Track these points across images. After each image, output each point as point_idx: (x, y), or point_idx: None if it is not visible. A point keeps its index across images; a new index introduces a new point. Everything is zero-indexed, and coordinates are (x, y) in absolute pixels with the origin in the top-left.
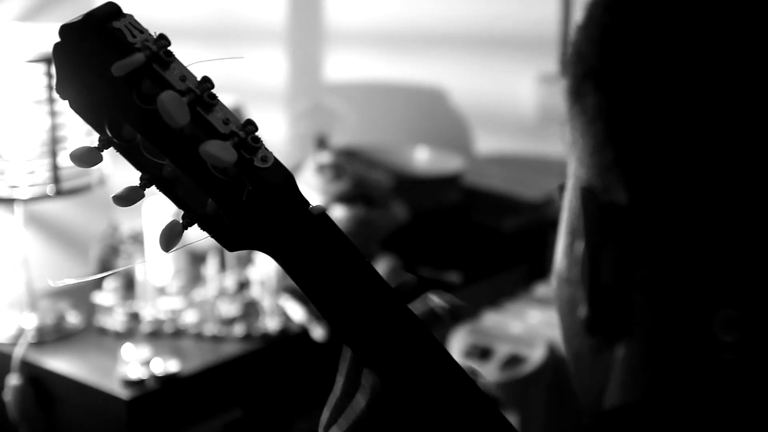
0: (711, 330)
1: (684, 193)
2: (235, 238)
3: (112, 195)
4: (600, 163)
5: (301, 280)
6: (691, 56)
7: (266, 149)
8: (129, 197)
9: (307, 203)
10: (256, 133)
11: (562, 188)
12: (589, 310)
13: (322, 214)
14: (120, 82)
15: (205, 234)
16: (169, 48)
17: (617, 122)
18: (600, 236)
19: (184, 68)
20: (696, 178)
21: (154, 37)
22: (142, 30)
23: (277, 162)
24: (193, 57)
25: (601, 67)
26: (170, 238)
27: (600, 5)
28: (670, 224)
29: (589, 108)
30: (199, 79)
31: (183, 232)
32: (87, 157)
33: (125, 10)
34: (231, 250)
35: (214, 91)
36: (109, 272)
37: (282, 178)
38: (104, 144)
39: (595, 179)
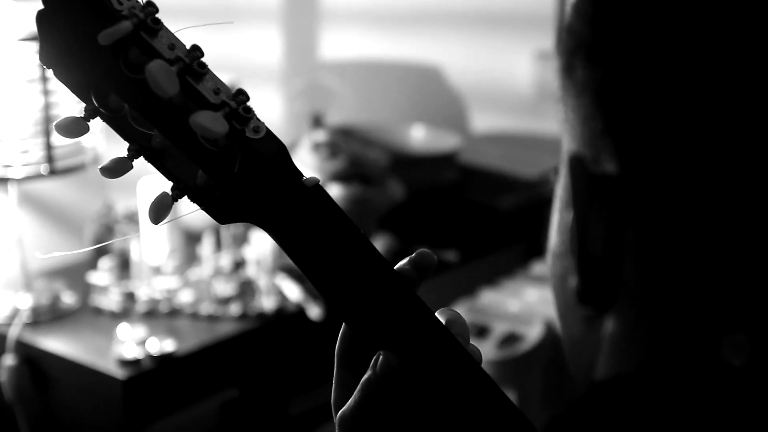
0: (701, 297)
1: (673, 161)
2: (226, 210)
3: (99, 166)
4: (589, 133)
5: (295, 253)
6: (680, 27)
7: (258, 120)
8: (116, 168)
9: (300, 175)
10: (248, 103)
11: (557, 171)
12: (579, 279)
13: (315, 186)
14: (106, 50)
15: (195, 206)
16: (156, 15)
17: (606, 92)
18: (589, 205)
19: (173, 36)
20: (685, 146)
21: (141, 3)
22: None
23: (269, 133)
24: (188, 34)
25: (591, 41)
26: (160, 210)
27: None
28: (660, 192)
29: (579, 81)
30: (188, 47)
31: (173, 204)
32: (73, 127)
33: None
34: (222, 222)
35: (203, 60)
36: (98, 245)
37: (275, 149)
38: (90, 114)
39: (584, 149)
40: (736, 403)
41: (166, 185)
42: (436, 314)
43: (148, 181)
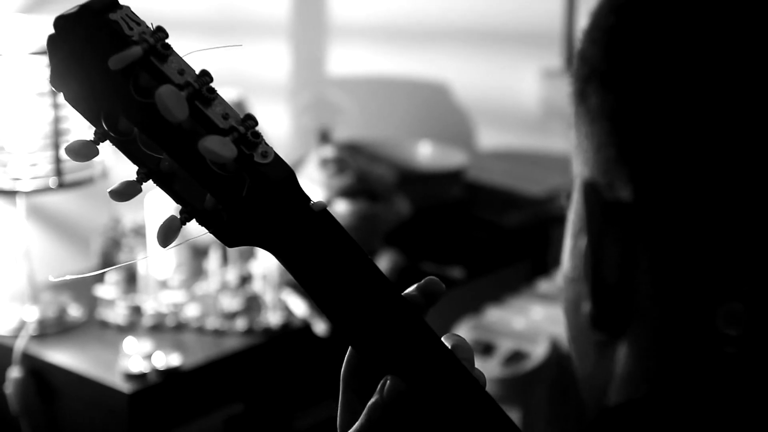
0: (714, 323)
1: (688, 187)
2: (234, 234)
3: (109, 189)
4: (603, 160)
5: (302, 277)
6: (694, 55)
7: (266, 144)
8: (126, 192)
9: (308, 199)
10: (256, 128)
11: (568, 196)
12: (592, 305)
13: (323, 211)
14: (117, 75)
15: (203, 230)
16: (167, 40)
17: (621, 119)
18: (602, 231)
19: (183, 61)
20: (700, 173)
21: (152, 29)
22: (139, 22)
23: (277, 157)
24: (196, 50)
25: (605, 68)
26: (168, 233)
27: (604, 8)
28: (675, 219)
29: (592, 108)
30: (197, 72)
31: (181, 227)
32: (83, 151)
33: (122, 2)
34: (230, 246)
35: (213, 84)
36: (110, 268)
37: (283, 174)
38: (100, 137)
39: (598, 176)
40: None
41: (173, 202)
42: (442, 339)
43: (156, 195)
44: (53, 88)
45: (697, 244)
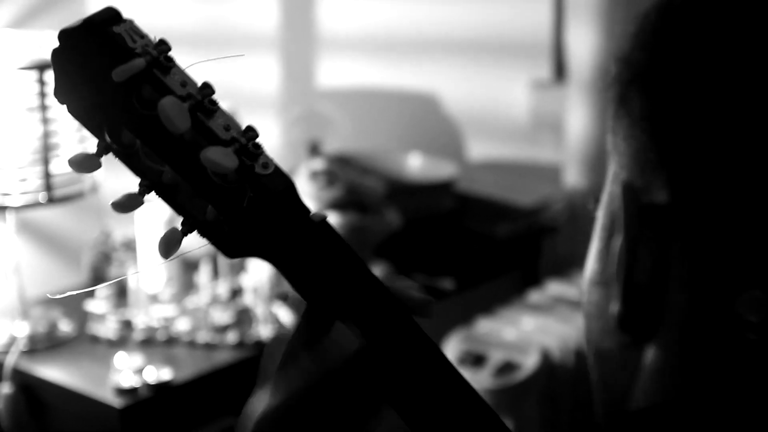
0: (743, 326)
1: (726, 194)
2: (234, 245)
3: (111, 201)
4: (642, 163)
5: (302, 287)
6: (738, 63)
7: (267, 156)
8: (128, 204)
9: (308, 210)
10: (257, 140)
11: (596, 199)
12: (622, 306)
13: (322, 222)
14: (120, 87)
15: (204, 241)
16: (169, 53)
17: (662, 124)
18: (639, 233)
19: (185, 73)
20: (740, 178)
21: (155, 42)
22: (142, 35)
23: (278, 168)
24: (187, 63)
25: (649, 72)
26: (169, 245)
27: (653, 13)
28: (711, 224)
29: (634, 111)
30: (199, 84)
31: (182, 239)
32: (85, 163)
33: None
34: (231, 257)
35: (214, 97)
36: (105, 284)
37: (283, 185)
38: (103, 150)
39: (636, 179)
40: None
41: (164, 216)
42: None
43: (146, 210)
44: (58, 101)
45: (734, 249)
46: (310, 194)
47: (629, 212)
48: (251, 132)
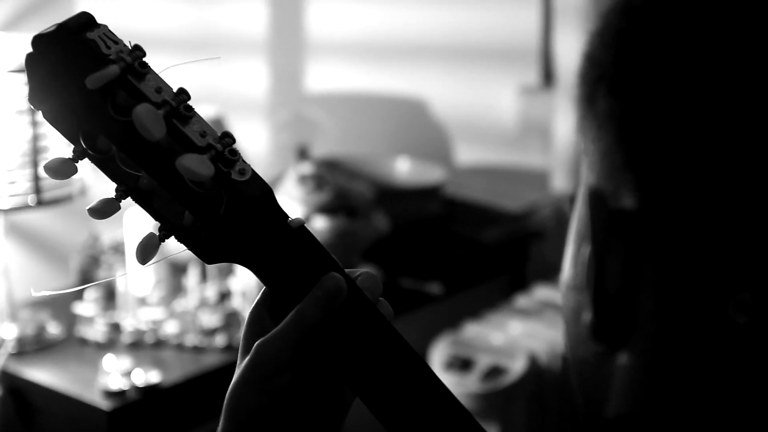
0: (719, 333)
1: (696, 196)
2: (212, 250)
3: (87, 207)
4: (610, 166)
5: (280, 293)
6: (704, 63)
7: (244, 162)
8: (104, 210)
9: (285, 216)
10: (234, 146)
11: (572, 199)
12: (594, 315)
13: (300, 227)
14: (94, 93)
15: (182, 247)
16: (144, 59)
17: (629, 125)
18: (607, 240)
19: (160, 79)
20: (708, 181)
21: (129, 47)
22: (116, 41)
23: (255, 175)
24: (175, 66)
25: (614, 72)
26: (147, 250)
27: (615, 12)
28: (681, 228)
29: (600, 112)
30: (175, 90)
31: (160, 244)
32: (61, 169)
33: (102, 20)
34: (209, 263)
35: (191, 102)
36: (90, 284)
37: (260, 191)
38: (79, 155)
39: (604, 183)
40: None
41: (152, 219)
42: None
43: (134, 212)
44: (31, 107)
45: (702, 254)
46: (298, 198)
47: (596, 220)
48: (228, 138)
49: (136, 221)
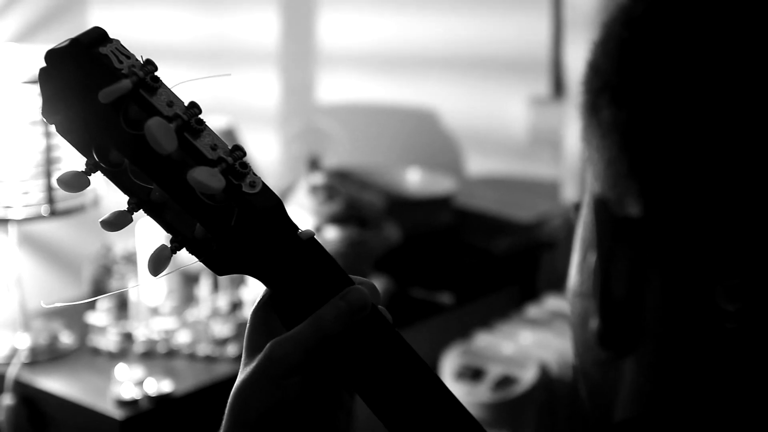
0: (725, 340)
1: (700, 203)
2: (223, 262)
3: (100, 220)
4: (614, 174)
5: (290, 304)
6: (706, 70)
7: (254, 174)
8: (116, 222)
9: (296, 228)
10: (245, 159)
11: (577, 207)
12: (600, 322)
13: (311, 239)
14: (107, 107)
15: (194, 258)
16: (156, 73)
17: (633, 133)
18: (612, 248)
19: (172, 93)
20: (711, 185)
21: (141, 62)
22: (128, 55)
23: (265, 187)
24: (188, 78)
25: (617, 81)
26: (159, 262)
27: (618, 21)
28: (686, 235)
29: (604, 121)
30: (186, 104)
31: (171, 256)
32: (74, 182)
33: (115, 33)
34: (220, 274)
35: (202, 114)
36: (101, 296)
37: (271, 203)
38: (91, 168)
39: (608, 191)
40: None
41: (163, 231)
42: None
43: (147, 223)
44: (45, 120)
45: (707, 261)
46: (309, 209)
47: (601, 228)
48: (238, 151)
49: (148, 232)
